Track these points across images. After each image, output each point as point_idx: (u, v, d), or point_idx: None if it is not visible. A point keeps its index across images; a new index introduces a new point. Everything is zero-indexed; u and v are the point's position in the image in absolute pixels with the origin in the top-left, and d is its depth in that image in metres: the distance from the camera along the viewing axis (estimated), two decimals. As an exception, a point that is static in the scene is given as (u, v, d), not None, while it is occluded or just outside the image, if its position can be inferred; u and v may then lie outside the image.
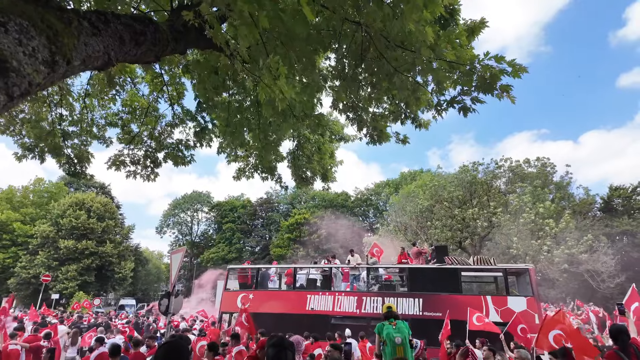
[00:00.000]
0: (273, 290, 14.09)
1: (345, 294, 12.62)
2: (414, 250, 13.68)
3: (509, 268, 12.08)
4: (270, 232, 52.65)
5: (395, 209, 40.57)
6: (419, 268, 12.73)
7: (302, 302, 12.38)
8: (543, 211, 29.22)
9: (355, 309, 11.94)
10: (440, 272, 12.16)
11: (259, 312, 12.53)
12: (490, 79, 4.55)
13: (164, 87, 6.57)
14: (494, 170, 37.37)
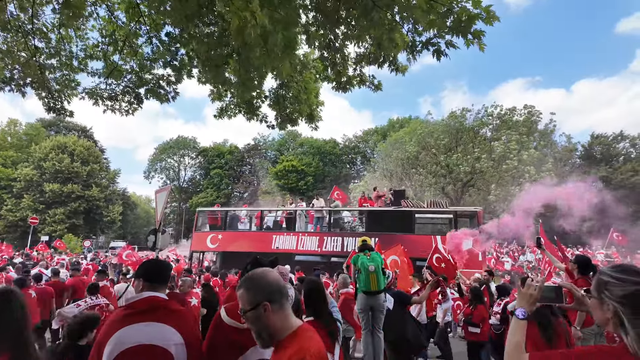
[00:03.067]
0: (241, 231, 14.92)
1: (307, 234, 13.65)
2: (375, 194, 14.64)
3: (460, 210, 13.03)
4: (258, 179, 53.09)
5: (382, 156, 40.97)
6: (376, 210, 13.70)
7: (268, 242, 13.57)
8: (526, 158, 29.97)
9: (317, 247, 12.93)
10: (395, 214, 13.07)
11: (227, 250, 13.75)
12: (465, 22, 4.51)
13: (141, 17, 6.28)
14: (482, 117, 37.50)
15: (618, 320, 1.26)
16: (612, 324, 1.28)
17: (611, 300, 1.28)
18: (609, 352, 1.28)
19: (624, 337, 1.24)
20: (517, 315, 1.52)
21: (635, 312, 1.23)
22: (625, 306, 1.25)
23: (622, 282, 1.28)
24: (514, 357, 1.40)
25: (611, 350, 1.28)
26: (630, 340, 1.22)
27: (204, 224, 15.81)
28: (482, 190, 31.06)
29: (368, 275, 5.29)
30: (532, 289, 1.55)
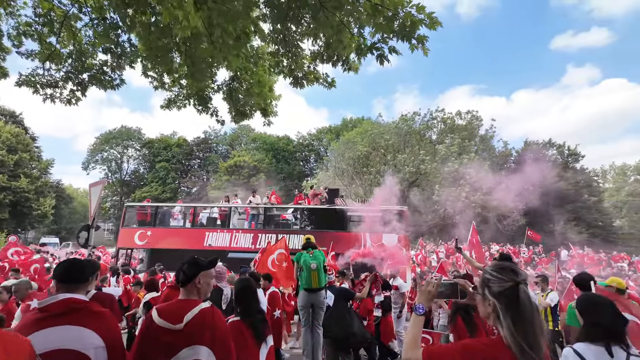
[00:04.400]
0: (172, 228, 14.56)
1: (242, 231, 13.64)
2: (311, 193, 15.04)
3: (388, 209, 13.42)
4: (208, 174, 51.48)
5: (335, 154, 41.56)
6: (310, 208, 14.02)
7: (200, 239, 13.38)
8: (467, 161, 31.93)
9: (251, 244, 12.95)
10: (328, 212, 13.48)
11: (157, 247, 13.34)
12: (410, 27, 4.72)
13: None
14: (428, 121, 39.36)
15: (496, 315, 1.39)
16: (492, 317, 1.42)
17: (490, 296, 1.41)
18: (487, 344, 1.41)
19: (500, 330, 1.38)
20: (416, 310, 1.61)
21: (508, 307, 1.36)
22: (500, 302, 1.38)
23: (499, 279, 1.41)
24: (411, 350, 1.48)
25: (490, 342, 1.41)
26: (504, 332, 1.35)
27: (133, 220, 15.11)
28: (426, 190, 32.59)
29: (310, 273, 5.36)
30: (430, 286, 1.65)
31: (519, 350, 1.30)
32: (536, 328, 1.33)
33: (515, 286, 1.39)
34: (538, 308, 1.40)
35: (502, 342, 1.36)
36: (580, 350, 2.06)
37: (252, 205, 14.43)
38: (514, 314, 1.35)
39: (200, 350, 2.16)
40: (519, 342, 1.31)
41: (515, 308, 1.36)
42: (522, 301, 1.36)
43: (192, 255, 2.47)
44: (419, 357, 1.43)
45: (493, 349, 1.37)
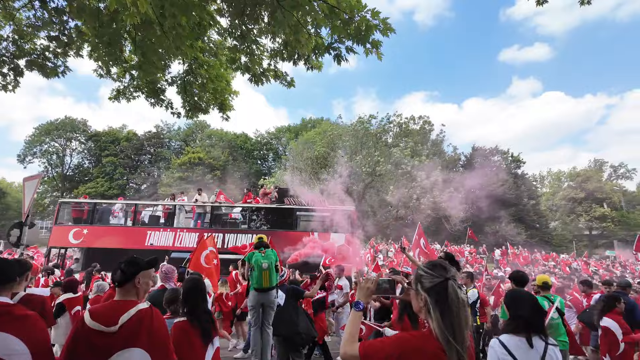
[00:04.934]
0: (111, 226, 13.91)
1: (187, 230, 13.31)
2: (261, 192, 15.06)
3: (336, 209, 13.72)
4: (159, 170, 49.30)
5: (293, 154, 41.51)
6: (259, 207, 13.94)
7: (142, 238, 12.89)
8: (419, 164, 33.24)
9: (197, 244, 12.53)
10: (277, 211, 13.58)
11: (94, 247, 12.69)
12: (365, 31, 4.85)
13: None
14: (384, 125, 40.49)
15: (426, 309, 1.48)
16: (424, 311, 1.51)
17: (422, 291, 1.50)
18: (418, 336, 1.51)
19: (430, 323, 1.47)
20: (355, 307, 1.67)
21: (437, 302, 1.45)
22: (431, 296, 1.47)
23: (431, 275, 1.51)
24: (348, 345, 1.53)
25: (421, 334, 1.51)
26: (433, 324, 1.45)
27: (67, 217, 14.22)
28: (380, 192, 33.50)
29: (261, 272, 5.32)
30: (369, 283, 1.71)
31: (445, 341, 1.39)
32: (461, 321, 1.43)
33: (445, 282, 1.47)
34: (465, 303, 1.48)
35: (431, 334, 1.45)
36: (505, 341, 2.24)
37: (198, 203, 14.01)
38: (443, 307, 1.44)
39: (135, 353, 2.08)
40: (445, 334, 1.39)
41: (443, 302, 1.44)
42: (450, 296, 1.45)
43: (131, 255, 2.38)
44: (356, 351, 1.48)
45: (423, 340, 1.45)
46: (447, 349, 1.38)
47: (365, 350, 1.47)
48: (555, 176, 58.42)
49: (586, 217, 45.12)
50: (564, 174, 55.58)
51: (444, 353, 1.39)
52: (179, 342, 2.60)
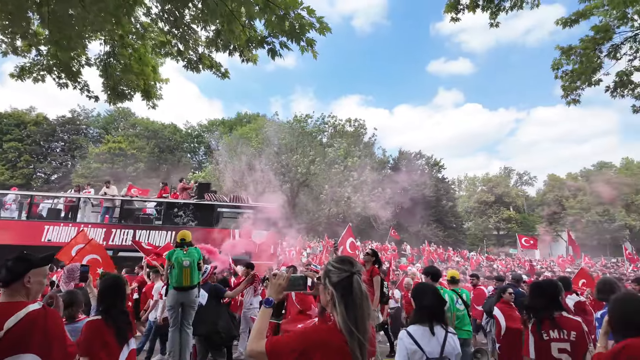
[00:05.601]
0: (1, 220, 12.41)
1: (92, 225, 12.25)
2: (180, 186, 14.16)
3: (260, 206, 13.63)
4: (73, 159, 44.55)
5: (226, 149, 40.27)
6: (175, 202, 13.22)
7: (38, 233, 11.69)
8: (351, 165, 34.31)
9: (103, 240, 11.75)
10: (196, 207, 13.01)
11: None
12: (300, 29, 4.86)
13: None
14: (320, 125, 41.10)
15: (332, 302, 1.52)
16: (330, 305, 1.55)
17: (330, 285, 1.54)
18: (323, 329, 1.55)
19: (335, 316, 1.51)
20: (265, 303, 1.66)
21: (343, 296, 1.49)
22: (337, 290, 1.51)
23: (338, 270, 1.55)
24: (256, 342, 1.51)
25: (326, 327, 1.55)
26: (337, 318, 1.48)
27: None
28: (314, 190, 33.96)
29: (181, 270, 5.08)
30: (280, 279, 1.71)
31: (348, 333, 1.43)
32: (364, 313, 1.48)
33: (351, 276, 1.52)
34: (367, 296, 1.54)
35: (336, 327, 1.48)
36: (412, 331, 2.42)
37: (107, 197, 12.88)
38: (347, 301, 1.48)
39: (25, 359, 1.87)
40: (349, 326, 1.43)
41: (348, 296, 1.49)
42: (354, 290, 1.50)
43: (21, 251, 2.11)
44: (262, 348, 1.47)
45: (328, 333, 1.48)
46: (350, 340, 1.42)
47: (272, 347, 1.47)
48: (470, 181, 64.30)
49: (495, 218, 50.34)
50: (479, 179, 61.36)
51: (347, 345, 1.43)
52: (91, 341, 2.48)
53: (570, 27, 6.31)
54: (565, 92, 6.86)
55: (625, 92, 6.43)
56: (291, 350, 1.43)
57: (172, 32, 6.38)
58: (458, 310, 4.82)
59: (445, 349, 2.38)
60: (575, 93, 6.72)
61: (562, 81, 6.78)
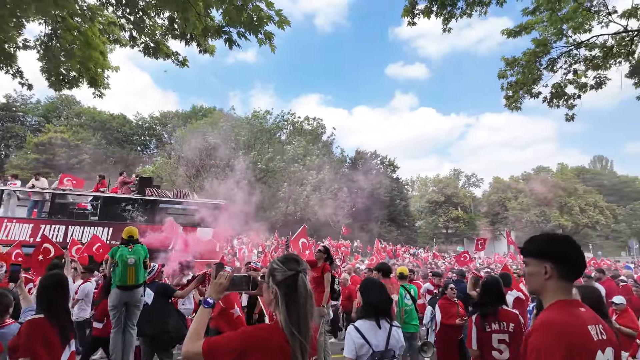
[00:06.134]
0: None
1: (17, 220, 11.31)
2: (120, 180, 13.38)
3: (205, 202, 13.19)
4: (8, 149, 40.80)
5: (180, 142, 38.78)
6: (114, 197, 12.52)
7: None
8: (310, 163, 34.42)
9: (29, 237, 10.90)
10: (137, 202, 12.39)
11: None
12: (258, 20, 4.78)
13: None
14: (279, 122, 40.80)
15: (276, 301, 1.50)
16: (273, 304, 1.53)
17: (273, 284, 1.52)
18: (264, 328, 1.55)
19: (278, 315, 1.50)
20: (204, 303, 1.60)
21: (286, 294, 1.48)
22: (281, 289, 1.49)
23: (283, 269, 1.53)
24: (191, 343, 1.46)
25: (267, 326, 1.55)
26: (280, 317, 1.47)
27: None
28: (272, 188, 33.67)
29: (126, 269, 4.82)
30: (222, 279, 1.67)
31: (290, 332, 1.42)
32: (307, 312, 1.48)
33: (296, 275, 1.51)
34: (312, 295, 1.53)
35: (278, 326, 1.47)
36: (359, 326, 2.50)
37: (35, 189, 11.91)
38: (290, 299, 1.47)
39: None
40: (290, 326, 1.43)
41: (292, 295, 1.48)
42: (299, 288, 1.49)
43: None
44: (199, 348, 1.42)
45: (269, 332, 1.47)
46: (291, 340, 1.42)
47: (209, 347, 1.42)
48: (423, 181, 67.06)
49: (444, 217, 52.81)
50: (430, 180, 64.12)
51: (289, 344, 1.42)
52: (32, 340, 2.37)
53: (514, 38, 6.76)
54: (508, 101, 7.34)
55: (560, 102, 7.02)
56: (230, 350, 1.39)
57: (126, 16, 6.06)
58: (406, 305, 5.00)
59: (390, 342, 2.49)
60: (517, 102, 7.22)
61: (506, 91, 7.25)
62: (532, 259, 1.56)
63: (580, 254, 1.52)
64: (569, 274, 1.50)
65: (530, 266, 1.56)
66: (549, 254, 1.51)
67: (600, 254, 40.81)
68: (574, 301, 1.50)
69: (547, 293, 1.51)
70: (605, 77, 6.84)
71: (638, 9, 6.44)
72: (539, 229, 48.55)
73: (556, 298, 1.47)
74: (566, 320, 1.37)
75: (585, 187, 50.78)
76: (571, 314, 1.41)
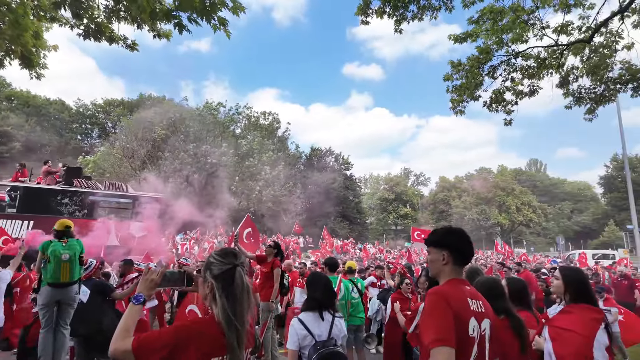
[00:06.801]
0: None
1: None
2: (44, 169, 12.41)
3: (141, 195, 12.59)
4: None
5: (125, 132, 36.58)
6: (35, 188, 11.65)
7: None
8: (265, 159, 34.00)
9: None
10: (62, 193, 11.59)
11: None
12: (210, 6, 4.64)
13: None
14: (233, 115, 39.85)
15: (212, 295, 1.51)
16: (209, 298, 1.53)
17: (211, 278, 1.52)
18: (200, 322, 1.55)
19: (214, 309, 1.50)
20: (134, 299, 1.55)
21: (224, 287, 1.48)
22: (218, 282, 1.50)
23: (221, 263, 1.53)
24: (120, 340, 1.41)
25: (202, 320, 1.57)
26: (216, 310, 1.48)
27: None
28: (224, 182, 32.85)
29: (59, 265, 4.48)
30: (153, 275, 1.62)
31: (228, 325, 1.43)
32: (244, 305, 1.49)
33: (233, 268, 1.52)
34: (249, 289, 1.55)
35: (213, 319, 1.47)
36: (302, 318, 2.57)
37: None
38: (228, 293, 1.47)
39: None
40: (228, 318, 1.44)
41: (229, 288, 1.49)
42: (236, 282, 1.50)
43: None
44: (128, 346, 1.37)
45: (204, 326, 1.46)
46: (228, 332, 1.43)
47: (140, 343, 1.37)
48: (375, 179, 69.03)
49: (394, 214, 54.76)
50: (382, 178, 66.12)
51: (224, 336, 1.43)
52: None
53: (460, 44, 7.15)
54: (453, 104, 7.75)
55: (499, 107, 7.54)
56: (163, 346, 1.36)
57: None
58: (353, 298, 5.12)
59: (332, 332, 2.56)
60: (461, 105, 7.65)
61: (451, 94, 7.65)
62: (433, 248, 1.83)
63: (470, 244, 1.82)
64: (461, 261, 1.78)
65: (432, 254, 1.83)
66: (446, 243, 1.79)
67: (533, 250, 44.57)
68: (462, 280, 1.79)
69: (443, 275, 1.78)
70: (538, 86, 7.45)
71: (567, 25, 7.09)
72: (480, 226, 51.91)
73: (449, 279, 1.76)
74: (450, 290, 1.67)
75: (521, 188, 55.03)
76: (456, 288, 1.70)
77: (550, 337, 2.27)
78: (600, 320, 2.18)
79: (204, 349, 1.40)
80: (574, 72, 7.56)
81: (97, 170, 32.26)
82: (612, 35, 7.03)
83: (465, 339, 1.58)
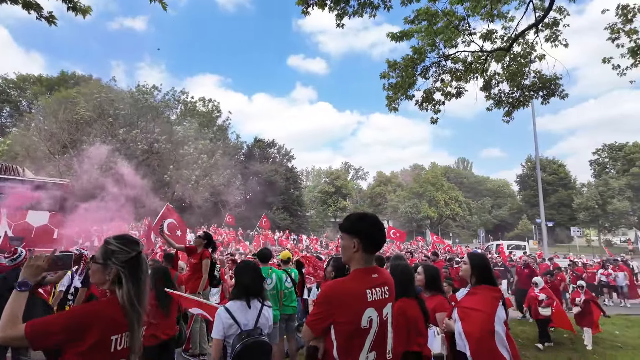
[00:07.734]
0: None
1: None
2: None
3: (41, 181, 11.48)
4: None
5: (43, 112, 32.87)
6: None
7: None
8: (202, 147, 32.64)
9: None
10: None
11: None
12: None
13: None
14: (168, 100, 37.62)
15: (116, 280, 1.58)
16: (108, 283, 1.59)
17: (115, 265, 1.58)
18: (99, 303, 1.60)
19: (116, 292, 1.57)
20: (18, 286, 1.50)
21: (131, 273, 1.58)
22: (125, 268, 1.58)
23: (126, 250, 1.61)
24: (9, 329, 1.38)
25: (101, 302, 1.59)
26: (122, 294, 1.55)
27: None
28: (157, 171, 31.03)
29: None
30: (40, 260, 1.59)
31: (131, 306, 1.55)
32: (146, 290, 1.65)
33: (138, 255, 1.64)
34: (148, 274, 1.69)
35: (114, 301, 1.55)
36: (229, 307, 2.53)
37: None
38: (135, 278, 1.59)
39: None
40: (132, 301, 1.55)
41: (135, 274, 1.60)
42: (141, 267, 1.64)
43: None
44: (21, 332, 1.37)
45: (103, 307, 1.54)
46: (130, 312, 1.55)
47: (33, 328, 1.38)
48: (316, 173, 69.83)
49: (334, 207, 55.94)
50: (323, 172, 67.05)
51: (124, 316, 1.54)
52: None
53: (397, 42, 7.42)
54: (388, 101, 8.06)
55: (429, 106, 8.00)
56: (62, 329, 1.39)
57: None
58: (286, 288, 5.15)
59: (259, 321, 2.55)
60: (396, 102, 7.98)
61: (387, 91, 7.95)
62: (346, 234, 1.85)
63: (382, 231, 1.85)
64: (372, 248, 1.82)
65: (344, 240, 1.86)
66: (357, 230, 1.81)
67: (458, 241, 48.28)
68: (369, 268, 1.82)
69: (353, 262, 1.82)
70: (464, 89, 8.02)
71: (492, 33, 7.70)
72: (412, 219, 55.00)
73: (357, 267, 1.81)
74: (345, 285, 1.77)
75: (449, 184, 59.18)
76: (355, 282, 1.77)
77: (460, 317, 2.49)
78: (499, 298, 2.44)
79: (107, 330, 1.48)
80: (495, 77, 8.24)
81: (9, 154, 28.66)
82: (528, 46, 7.77)
83: (357, 331, 1.69)
